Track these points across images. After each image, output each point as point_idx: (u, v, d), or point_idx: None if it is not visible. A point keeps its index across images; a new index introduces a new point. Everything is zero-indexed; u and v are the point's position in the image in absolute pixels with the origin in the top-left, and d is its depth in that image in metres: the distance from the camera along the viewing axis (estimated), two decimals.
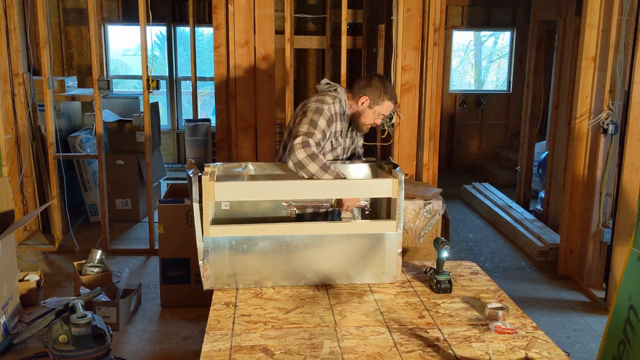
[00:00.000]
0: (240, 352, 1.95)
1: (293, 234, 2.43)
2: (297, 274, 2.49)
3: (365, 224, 2.57)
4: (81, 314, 2.87)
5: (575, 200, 4.42)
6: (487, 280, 2.60)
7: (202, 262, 2.41)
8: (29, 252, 4.89)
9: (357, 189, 2.55)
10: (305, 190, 2.48)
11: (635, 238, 2.56)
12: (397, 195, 2.43)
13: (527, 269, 4.80)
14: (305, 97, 3.07)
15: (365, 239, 2.48)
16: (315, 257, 2.48)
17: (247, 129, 4.64)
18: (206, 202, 2.35)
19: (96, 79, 4.69)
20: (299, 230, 2.45)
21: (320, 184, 2.51)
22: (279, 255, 2.45)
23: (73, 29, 8.00)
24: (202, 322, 3.67)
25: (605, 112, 4.14)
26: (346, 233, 2.47)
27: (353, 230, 2.49)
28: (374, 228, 2.50)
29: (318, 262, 2.48)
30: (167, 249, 3.88)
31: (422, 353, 1.95)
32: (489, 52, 9.73)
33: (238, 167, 2.75)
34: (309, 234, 2.44)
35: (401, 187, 2.43)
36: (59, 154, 4.88)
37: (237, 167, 2.75)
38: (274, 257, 2.45)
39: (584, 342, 3.60)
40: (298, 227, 2.48)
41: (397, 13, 4.46)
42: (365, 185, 2.55)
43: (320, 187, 2.50)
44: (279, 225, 2.45)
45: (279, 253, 2.44)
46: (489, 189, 6.81)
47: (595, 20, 4.14)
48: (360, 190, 2.55)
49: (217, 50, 4.57)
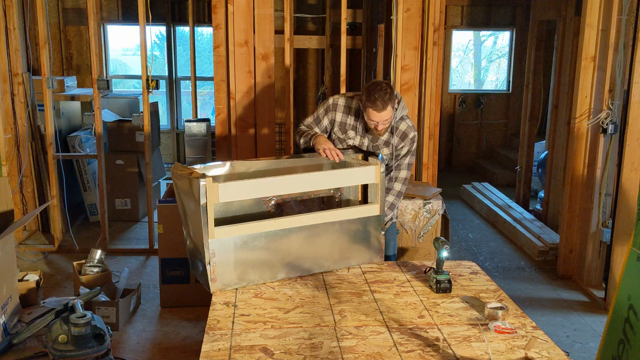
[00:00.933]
0: (239, 351, 1.95)
1: (292, 226, 2.58)
2: (295, 266, 2.61)
3: (354, 210, 2.78)
4: (81, 313, 2.87)
5: (575, 200, 4.42)
6: (486, 280, 2.61)
7: (209, 266, 2.41)
8: (29, 252, 4.89)
9: (345, 178, 2.79)
10: (304, 183, 2.67)
11: (634, 238, 2.56)
12: (379, 180, 2.73)
13: (526, 268, 4.80)
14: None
15: (353, 224, 2.73)
16: (312, 246, 2.64)
17: (246, 129, 4.64)
18: (210, 205, 2.34)
19: (95, 78, 4.69)
20: (298, 222, 2.60)
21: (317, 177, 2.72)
22: (279, 249, 2.56)
23: (72, 28, 7.99)
24: (201, 322, 3.67)
25: (605, 111, 4.14)
26: (339, 219, 2.69)
27: (345, 216, 2.71)
28: (362, 212, 2.77)
29: (314, 251, 2.65)
30: (167, 249, 3.87)
31: (422, 353, 1.95)
32: (488, 52, 9.73)
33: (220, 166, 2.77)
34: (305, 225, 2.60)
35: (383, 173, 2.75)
36: (59, 154, 4.88)
37: (220, 166, 2.77)
38: (274, 251, 2.55)
39: (583, 341, 3.60)
40: (297, 219, 2.61)
41: (396, 13, 4.46)
42: (351, 173, 2.78)
43: (318, 179, 2.72)
44: (280, 220, 2.57)
45: (278, 247, 2.56)
46: (488, 188, 6.81)
47: (594, 20, 4.14)
48: (347, 178, 2.80)
49: (217, 50, 4.57)
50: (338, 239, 2.71)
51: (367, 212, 2.76)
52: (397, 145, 3.06)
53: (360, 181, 2.82)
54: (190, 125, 6.11)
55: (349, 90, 3.92)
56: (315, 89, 8.12)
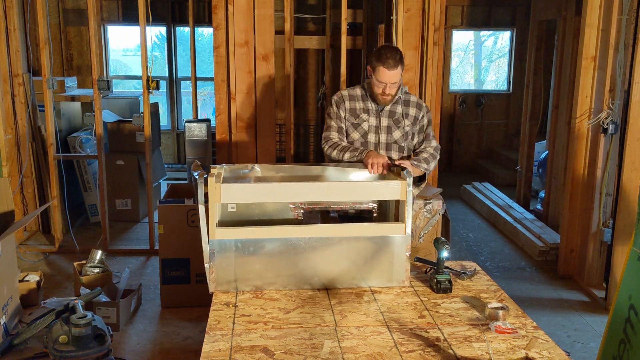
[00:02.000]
0: (240, 352, 1.95)
1: (300, 236, 2.39)
2: (302, 278, 2.46)
3: (373, 227, 2.51)
4: (81, 314, 2.87)
5: (576, 200, 4.42)
6: (487, 280, 2.60)
7: (207, 265, 2.39)
8: (29, 253, 4.89)
9: (366, 191, 2.51)
10: (313, 192, 2.45)
11: (635, 237, 2.56)
12: (406, 197, 2.42)
13: (527, 268, 4.80)
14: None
15: (372, 241, 2.45)
16: (322, 260, 2.44)
17: (247, 129, 4.64)
18: (212, 204, 2.33)
19: (96, 79, 4.69)
20: (306, 232, 2.41)
21: (327, 186, 2.50)
22: (285, 258, 2.42)
23: (73, 29, 8.00)
24: (202, 322, 3.67)
25: (605, 111, 4.14)
26: (354, 235, 2.44)
27: (361, 232, 2.46)
28: (382, 231, 2.46)
29: (324, 266, 2.45)
30: (167, 249, 3.88)
31: (423, 353, 1.95)
32: (488, 52, 9.73)
33: (244, 168, 2.73)
34: (315, 237, 2.41)
35: (409, 190, 2.42)
36: (59, 154, 4.88)
37: (244, 168, 2.73)
38: (280, 260, 2.42)
39: (584, 341, 3.60)
40: (305, 229, 2.44)
41: (396, 13, 4.46)
42: (374, 187, 2.52)
43: (328, 189, 2.48)
44: (286, 228, 2.42)
45: (285, 256, 2.41)
46: (489, 188, 6.81)
47: (595, 20, 4.14)
48: (368, 192, 2.52)
49: (217, 50, 4.57)
50: (353, 256, 2.45)
51: (388, 232, 2.45)
52: (416, 115, 3.04)
53: (383, 196, 2.52)
54: (190, 126, 6.11)
55: None
56: (316, 90, 8.12)
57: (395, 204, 2.54)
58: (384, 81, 2.87)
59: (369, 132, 3.01)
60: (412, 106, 3.05)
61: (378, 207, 2.66)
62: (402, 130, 3.02)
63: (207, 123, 6.14)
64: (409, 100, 3.06)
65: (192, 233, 3.79)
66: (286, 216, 2.57)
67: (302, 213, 2.57)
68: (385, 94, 2.92)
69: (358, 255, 2.46)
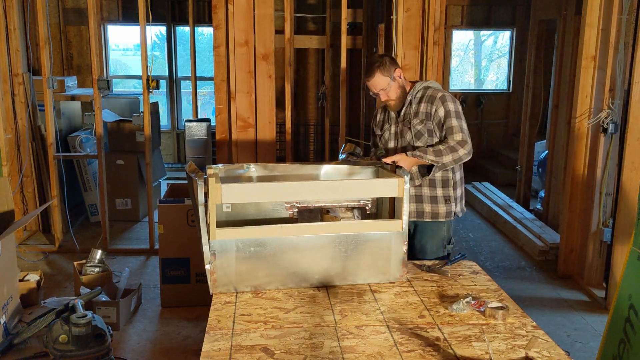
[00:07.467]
0: (240, 351, 1.95)
1: (300, 234, 2.42)
2: (301, 275, 2.47)
3: (371, 224, 2.54)
4: (81, 313, 2.87)
5: (575, 200, 4.42)
6: (487, 280, 2.61)
7: (208, 267, 2.38)
8: (29, 252, 4.89)
9: (363, 189, 2.56)
10: (311, 191, 2.48)
11: (635, 237, 2.56)
12: (403, 194, 2.45)
13: (527, 268, 4.80)
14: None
15: (371, 238, 2.48)
16: (321, 258, 2.47)
17: (247, 129, 4.64)
18: (212, 205, 2.33)
19: (96, 78, 4.69)
20: (306, 230, 2.44)
21: (325, 185, 2.53)
22: (285, 257, 2.43)
23: (73, 28, 8.00)
24: (202, 322, 3.67)
25: (605, 111, 4.14)
26: (352, 233, 2.46)
27: (359, 230, 2.48)
28: (379, 227, 2.50)
29: (323, 263, 2.48)
30: (167, 249, 3.88)
31: (423, 352, 1.95)
32: (488, 52, 9.72)
33: (240, 168, 2.74)
34: (316, 235, 2.43)
35: (406, 187, 2.45)
36: (59, 154, 4.88)
37: (239, 168, 2.74)
38: (279, 258, 2.43)
39: (584, 341, 3.60)
40: (305, 227, 2.46)
41: (396, 12, 4.46)
42: (371, 185, 2.57)
43: (325, 188, 2.50)
44: (286, 226, 2.43)
45: (285, 254, 2.43)
46: (488, 188, 6.82)
47: (595, 20, 4.14)
48: (366, 190, 2.56)
49: (217, 50, 4.57)
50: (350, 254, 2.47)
51: (386, 228, 2.48)
52: (428, 110, 2.91)
53: (380, 194, 2.58)
54: (190, 126, 6.12)
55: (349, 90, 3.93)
56: (316, 89, 8.11)
57: (390, 201, 2.58)
58: (371, 90, 2.96)
59: (389, 140, 3.04)
60: (424, 102, 2.93)
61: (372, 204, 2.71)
62: (412, 131, 2.94)
63: (207, 123, 6.14)
64: (422, 96, 2.94)
65: (192, 233, 3.79)
66: (281, 215, 2.61)
67: (297, 212, 2.60)
68: (385, 100, 2.95)
69: (357, 252, 2.49)
